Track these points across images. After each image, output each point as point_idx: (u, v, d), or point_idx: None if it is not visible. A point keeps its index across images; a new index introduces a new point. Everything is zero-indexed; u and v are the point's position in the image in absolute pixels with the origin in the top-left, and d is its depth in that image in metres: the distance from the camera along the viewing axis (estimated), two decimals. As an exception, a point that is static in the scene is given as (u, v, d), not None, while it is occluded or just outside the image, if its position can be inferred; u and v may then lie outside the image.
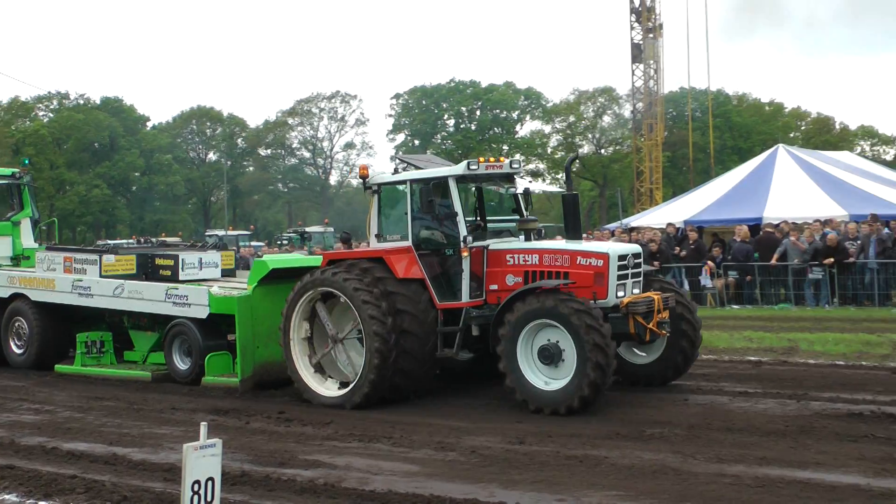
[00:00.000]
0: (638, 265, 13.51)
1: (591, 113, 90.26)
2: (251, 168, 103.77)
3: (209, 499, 6.76)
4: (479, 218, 14.69)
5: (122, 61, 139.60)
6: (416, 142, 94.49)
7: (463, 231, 13.42)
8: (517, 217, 14.75)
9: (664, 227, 31.31)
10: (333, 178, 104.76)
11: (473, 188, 14.85)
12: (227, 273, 18.15)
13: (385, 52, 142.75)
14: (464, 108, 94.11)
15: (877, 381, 14.36)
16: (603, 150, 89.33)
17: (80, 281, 17.27)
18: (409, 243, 13.73)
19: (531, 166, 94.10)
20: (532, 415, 12.37)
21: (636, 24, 49.72)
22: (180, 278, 16.96)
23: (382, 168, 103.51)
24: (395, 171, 14.79)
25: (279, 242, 50.79)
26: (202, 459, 6.70)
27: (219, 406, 13.94)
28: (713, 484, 9.03)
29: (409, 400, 13.63)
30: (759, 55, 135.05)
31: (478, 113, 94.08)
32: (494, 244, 13.91)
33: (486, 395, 13.85)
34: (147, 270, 17.41)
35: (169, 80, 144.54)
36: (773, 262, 26.08)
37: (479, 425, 12.23)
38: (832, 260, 24.80)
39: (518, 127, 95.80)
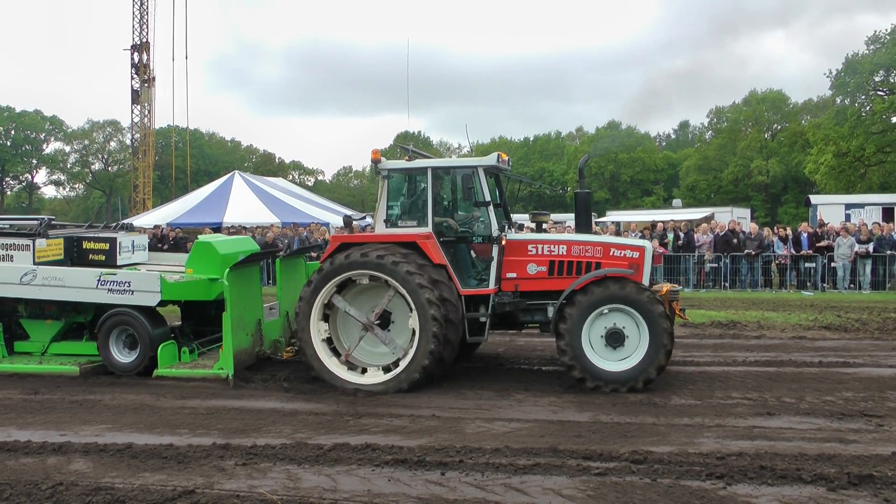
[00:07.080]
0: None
1: (102, 139, 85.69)
2: None
3: None
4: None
5: None
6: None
7: (496, 220, 10.26)
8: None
9: (152, 227, 30.24)
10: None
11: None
12: None
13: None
14: (1, 128, 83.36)
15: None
16: (110, 168, 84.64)
17: None
18: (428, 230, 10.18)
19: (55, 177, 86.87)
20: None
21: (136, 76, 47.80)
22: (118, 263, 12.18)
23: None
24: (410, 160, 10.84)
25: None
26: None
27: None
28: (177, 414, 9.02)
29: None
30: (228, 104, 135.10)
31: (12, 132, 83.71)
32: (511, 235, 10.53)
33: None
34: (73, 255, 12.19)
35: None
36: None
37: (2, 382, 11.01)
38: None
39: (45, 146, 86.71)
